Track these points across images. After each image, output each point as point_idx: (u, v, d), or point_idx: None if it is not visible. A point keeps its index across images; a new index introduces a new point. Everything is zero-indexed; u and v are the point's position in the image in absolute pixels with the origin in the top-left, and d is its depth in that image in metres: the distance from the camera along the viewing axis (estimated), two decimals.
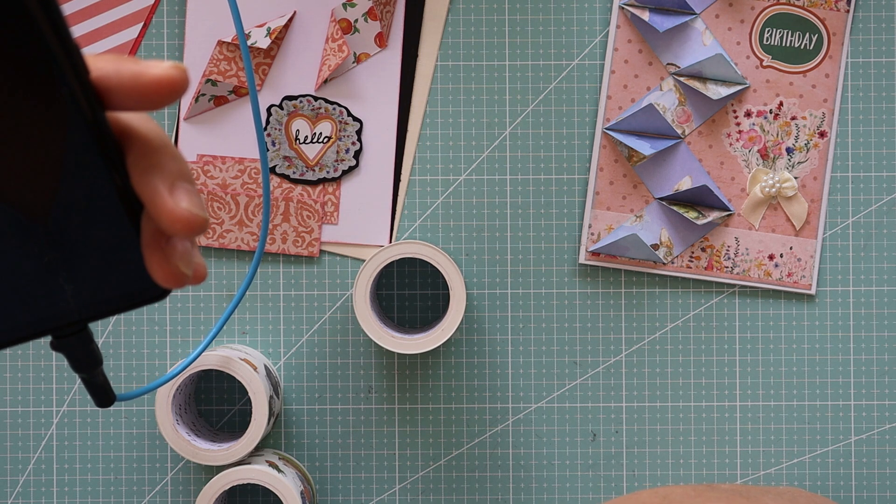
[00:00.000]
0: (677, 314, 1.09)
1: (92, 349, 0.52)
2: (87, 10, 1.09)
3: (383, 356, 1.10)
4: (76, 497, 1.09)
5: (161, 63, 0.48)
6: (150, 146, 0.49)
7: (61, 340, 0.51)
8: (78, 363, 0.52)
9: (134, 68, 0.48)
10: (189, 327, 1.09)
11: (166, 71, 0.48)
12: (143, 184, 0.48)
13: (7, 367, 1.09)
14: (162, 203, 0.48)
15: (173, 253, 0.49)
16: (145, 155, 0.49)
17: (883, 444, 1.09)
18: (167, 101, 0.48)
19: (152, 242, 0.49)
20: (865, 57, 1.09)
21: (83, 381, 0.53)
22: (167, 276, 0.49)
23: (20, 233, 0.48)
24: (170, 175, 0.48)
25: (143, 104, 0.48)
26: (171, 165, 0.49)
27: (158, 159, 0.49)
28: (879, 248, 1.09)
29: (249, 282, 0.97)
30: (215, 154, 1.09)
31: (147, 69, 0.48)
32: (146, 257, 0.49)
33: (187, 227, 0.48)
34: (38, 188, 0.48)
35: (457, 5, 1.10)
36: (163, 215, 0.48)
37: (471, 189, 1.10)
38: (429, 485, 1.10)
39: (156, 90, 0.48)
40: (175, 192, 0.48)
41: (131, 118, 0.49)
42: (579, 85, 1.09)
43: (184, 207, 0.48)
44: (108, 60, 0.48)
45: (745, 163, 1.09)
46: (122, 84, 0.48)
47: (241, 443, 1.02)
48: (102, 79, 0.48)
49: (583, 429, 1.10)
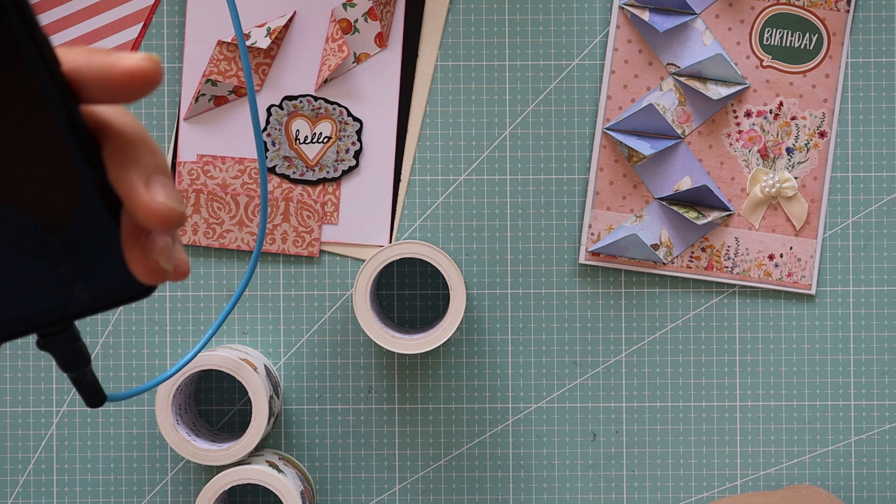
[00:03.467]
0: (677, 314, 1.09)
1: (79, 347, 0.51)
2: (87, 10, 1.09)
3: (383, 356, 1.10)
4: (76, 497, 1.09)
5: (133, 55, 0.47)
6: (125, 140, 0.48)
7: (46, 339, 0.51)
8: (65, 362, 0.51)
9: (106, 60, 0.47)
10: (189, 327, 1.09)
11: (138, 62, 0.47)
12: (119, 178, 0.48)
13: (7, 367, 1.09)
14: (138, 197, 0.47)
15: (152, 248, 0.48)
16: (121, 149, 0.48)
17: (883, 444, 1.09)
18: (140, 92, 0.47)
19: (131, 238, 0.48)
20: (865, 57, 1.09)
21: (72, 381, 0.52)
22: (147, 271, 0.48)
23: (9, 229, 0.48)
24: (146, 169, 0.48)
25: (116, 96, 0.47)
26: (147, 159, 0.48)
27: (134, 153, 0.48)
28: (879, 248, 1.09)
29: (247, 281, 0.97)
30: (215, 154, 1.09)
31: (118, 61, 0.47)
32: (126, 253, 0.48)
33: (164, 221, 0.47)
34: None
35: (457, 5, 1.10)
36: (139, 209, 0.47)
37: (471, 189, 1.10)
38: (429, 485, 1.10)
39: (128, 81, 0.47)
40: (151, 186, 0.47)
41: (106, 111, 0.49)
42: (579, 85, 1.09)
43: (160, 201, 0.47)
44: (79, 53, 0.48)
45: (745, 163, 1.09)
46: (94, 76, 0.47)
47: (241, 443, 1.02)
48: (74, 71, 0.47)
49: (583, 429, 1.10)
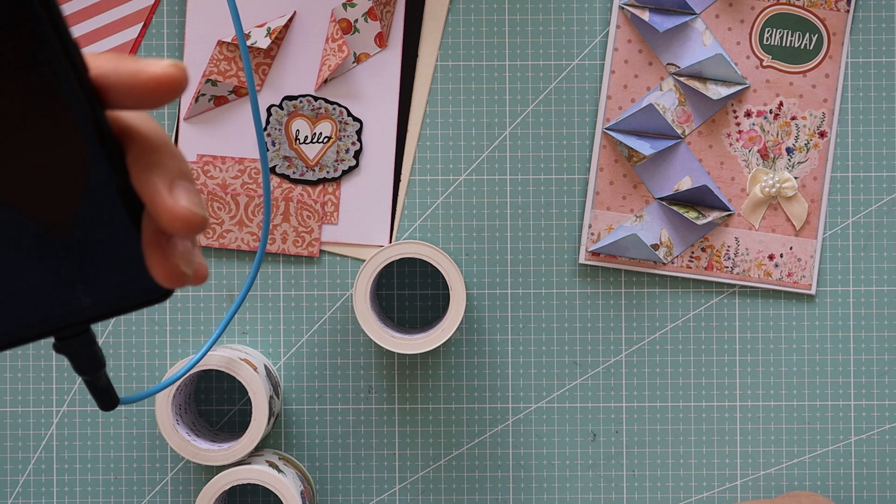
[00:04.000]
0: (677, 314, 1.09)
1: (95, 351, 0.51)
2: (87, 10, 1.09)
3: (383, 356, 1.10)
4: (76, 497, 1.09)
5: (160, 61, 0.48)
6: (149, 145, 0.49)
7: (63, 342, 0.51)
8: (80, 365, 0.52)
9: (133, 66, 0.48)
10: (189, 328, 1.09)
11: (165, 69, 0.48)
12: (143, 182, 0.48)
13: (7, 367, 1.09)
14: (161, 201, 0.48)
15: (174, 252, 0.49)
16: (145, 153, 0.48)
17: (883, 444, 1.09)
18: (166, 99, 0.48)
19: (153, 242, 0.49)
20: (865, 57, 1.09)
21: (86, 384, 0.53)
22: (168, 275, 0.49)
23: (29, 234, 0.48)
24: (169, 173, 0.48)
25: (143, 102, 0.48)
26: (170, 164, 0.48)
27: (158, 158, 0.48)
28: (879, 248, 1.09)
29: (251, 284, 0.97)
30: (215, 154, 1.09)
31: (146, 67, 0.48)
32: (147, 257, 0.49)
33: (187, 226, 0.48)
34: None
35: (457, 5, 1.10)
36: (162, 214, 0.48)
37: (471, 189, 1.10)
38: (429, 485, 1.10)
39: (155, 88, 0.48)
40: (174, 191, 0.48)
41: (131, 117, 0.49)
42: (579, 85, 1.09)
43: (183, 206, 0.48)
44: (107, 59, 0.48)
45: (745, 163, 1.09)
46: (122, 82, 0.48)
47: (241, 443, 1.02)
48: (101, 77, 0.48)
49: (583, 429, 1.10)
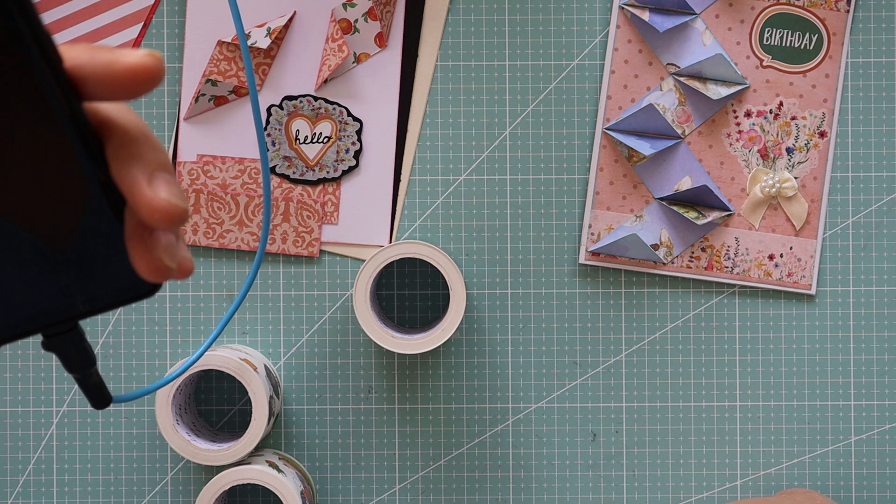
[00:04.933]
0: (677, 314, 1.09)
1: (84, 348, 0.51)
2: (87, 10, 1.09)
3: (383, 356, 1.10)
4: (76, 497, 1.09)
5: (136, 51, 0.47)
6: (128, 136, 0.48)
7: (51, 339, 0.50)
8: (70, 363, 0.51)
9: (108, 57, 0.47)
10: (189, 327, 1.09)
11: (141, 59, 0.47)
12: (123, 175, 0.48)
13: (7, 367, 1.09)
14: (141, 194, 0.47)
15: (156, 246, 0.48)
16: (124, 145, 0.48)
17: (883, 444, 1.09)
18: (143, 89, 0.47)
19: (135, 236, 0.48)
20: (865, 57, 1.09)
21: (77, 382, 0.52)
22: (151, 269, 0.48)
23: (9, 231, 0.48)
24: (149, 165, 0.48)
25: (119, 93, 0.47)
26: (150, 156, 0.48)
27: (137, 150, 0.48)
28: (879, 248, 1.09)
29: (251, 284, 0.97)
30: (215, 154, 1.09)
31: (122, 57, 0.47)
32: (129, 250, 0.48)
33: (167, 218, 0.47)
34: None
35: (457, 5, 1.10)
36: (142, 206, 0.47)
37: (471, 189, 1.10)
38: (429, 485, 1.10)
39: (131, 78, 0.47)
40: (154, 183, 0.47)
41: (109, 108, 0.49)
42: (579, 85, 1.09)
43: (163, 198, 0.47)
44: (82, 49, 0.48)
45: (745, 163, 1.09)
46: (97, 73, 0.47)
47: (241, 443, 1.02)
48: (76, 68, 0.47)
49: (583, 429, 1.10)
